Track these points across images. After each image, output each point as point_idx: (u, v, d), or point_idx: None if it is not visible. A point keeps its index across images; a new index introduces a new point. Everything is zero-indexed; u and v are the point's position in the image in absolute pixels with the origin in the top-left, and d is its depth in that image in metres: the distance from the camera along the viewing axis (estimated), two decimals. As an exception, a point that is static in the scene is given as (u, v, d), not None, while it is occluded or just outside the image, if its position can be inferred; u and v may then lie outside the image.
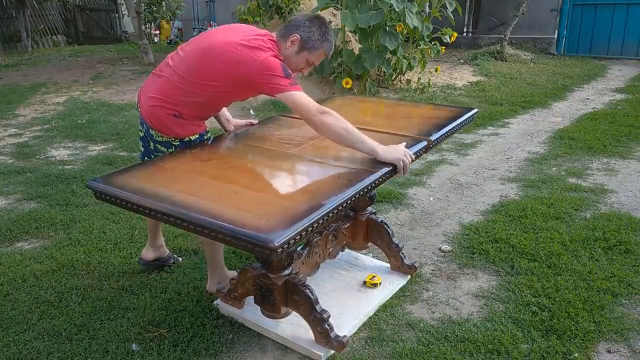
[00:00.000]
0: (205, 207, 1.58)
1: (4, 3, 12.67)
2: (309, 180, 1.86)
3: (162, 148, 2.18)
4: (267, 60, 1.96)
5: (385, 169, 1.88)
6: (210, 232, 1.51)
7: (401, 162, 1.91)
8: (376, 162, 1.91)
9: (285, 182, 1.85)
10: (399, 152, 1.92)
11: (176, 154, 2.13)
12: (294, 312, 2.06)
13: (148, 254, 2.60)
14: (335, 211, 1.62)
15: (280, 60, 2.00)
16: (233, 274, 2.35)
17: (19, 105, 6.69)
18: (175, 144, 2.16)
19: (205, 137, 2.23)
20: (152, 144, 2.21)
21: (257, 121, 2.52)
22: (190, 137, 2.16)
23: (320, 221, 1.55)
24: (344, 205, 1.66)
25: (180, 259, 2.74)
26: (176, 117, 2.10)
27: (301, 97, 1.94)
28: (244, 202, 1.65)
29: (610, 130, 4.92)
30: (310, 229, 1.52)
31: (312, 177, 1.88)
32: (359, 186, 1.74)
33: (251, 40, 2.01)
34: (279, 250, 1.41)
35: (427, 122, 2.45)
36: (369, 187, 1.79)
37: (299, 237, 1.48)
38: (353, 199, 1.70)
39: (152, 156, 2.20)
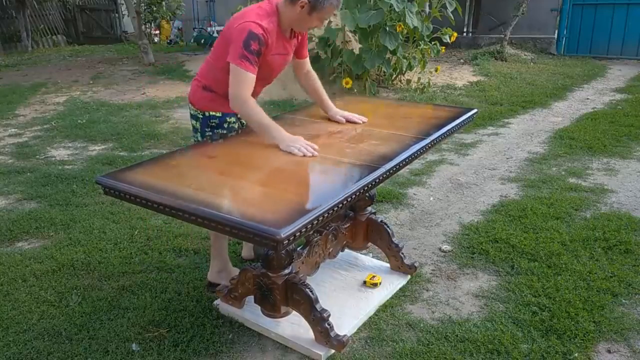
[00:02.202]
0: (213, 201, 1.62)
1: (4, 3, 12.68)
2: (314, 176, 1.88)
3: (193, 122, 2.36)
4: (241, 25, 2.05)
5: (390, 165, 1.89)
6: (218, 225, 1.54)
7: (297, 150, 1.99)
8: (380, 159, 1.93)
9: (290, 178, 1.87)
10: (297, 142, 2.03)
11: (183, 151, 2.21)
12: (294, 312, 2.06)
13: (245, 252, 2.77)
14: (340, 205, 1.64)
15: (261, 29, 2.05)
16: (236, 271, 2.36)
17: (19, 105, 6.69)
18: (200, 117, 2.31)
19: (229, 119, 2.31)
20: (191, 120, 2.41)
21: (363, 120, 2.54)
22: (212, 112, 2.29)
23: (326, 215, 1.58)
24: (349, 199, 1.68)
25: None
26: (204, 90, 2.28)
27: (241, 75, 2.05)
28: (251, 197, 1.70)
29: (610, 130, 4.92)
30: (316, 222, 1.55)
31: (317, 172, 1.90)
32: (363, 182, 1.76)
33: (249, 11, 2.12)
34: (285, 242, 1.44)
35: (426, 122, 2.45)
36: (373, 183, 1.80)
37: (304, 229, 1.50)
38: (357, 193, 1.73)
39: (196, 134, 2.39)
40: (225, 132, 2.32)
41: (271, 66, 2.21)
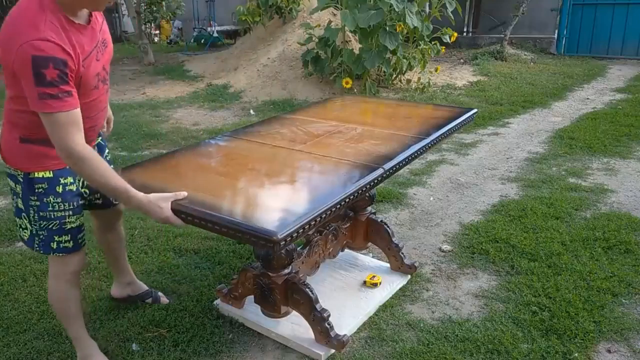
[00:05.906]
0: (211, 202, 1.62)
1: (4, 3, 12.67)
2: (312, 176, 1.88)
3: (12, 183, 1.77)
4: (19, 50, 1.40)
5: (390, 165, 1.89)
6: (215, 226, 1.54)
7: (169, 221, 1.59)
8: (380, 159, 1.92)
9: (289, 178, 1.87)
10: (162, 214, 1.58)
11: (183, 151, 2.19)
12: (294, 312, 2.06)
13: (116, 291, 2.36)
14: (338, 206, 1.64)
15: (49, 43, 1.42)
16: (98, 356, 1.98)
17: (19, 105, 6.68)
18: (20, 179, 1.73)
19: (63, 180, 1.73)
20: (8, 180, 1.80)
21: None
22: (38, 173, 1.70)
23: (323, 215, 1.58)
24: (347, 200, 1.68)
25: (165, 298, 2.38)
26: (23, 142, 1.69)
27: (54, 120, 1.45)
28: (249, 197, 1.70)
29: (610, 130, 4.92)
30: (313, 222, 1.54)
31: (315, 172, 1.90)
32: (362, 182, 1.76)
33: (19, 17, 1.46)
34: (282, 243, 1.43)
35: (426, 122, 2.45)
36: (372, 183, 1.80)
37: (302, 230, 1.50)
38: (356, 194, 1.72)
39: (16, 199, 1.76)
40: (59, 200, 1.71)
41: (93, 76, 1.64)
